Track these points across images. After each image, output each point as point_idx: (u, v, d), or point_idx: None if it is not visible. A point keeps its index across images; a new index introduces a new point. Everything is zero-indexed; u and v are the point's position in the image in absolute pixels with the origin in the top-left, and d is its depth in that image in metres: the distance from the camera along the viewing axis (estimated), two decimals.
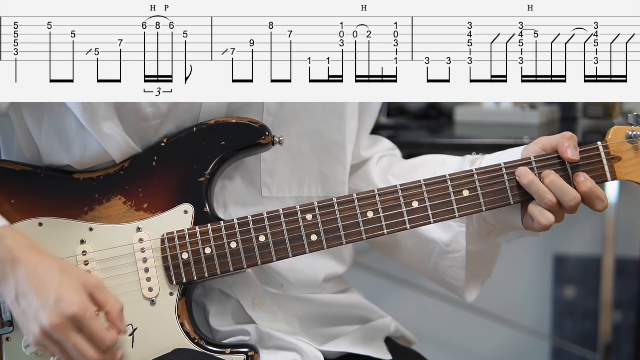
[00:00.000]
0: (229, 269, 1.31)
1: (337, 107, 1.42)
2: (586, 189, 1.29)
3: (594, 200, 1.30)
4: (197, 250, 1.31)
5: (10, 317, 1.29)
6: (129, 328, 1.30)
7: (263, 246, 1.31)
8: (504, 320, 2.91)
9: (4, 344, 1.30)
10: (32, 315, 1.18)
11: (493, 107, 2.52)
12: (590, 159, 1.31)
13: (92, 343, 1.19)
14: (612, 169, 1.31)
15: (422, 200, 1.31)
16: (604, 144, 1.31)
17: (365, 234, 1.31)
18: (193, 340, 1.31)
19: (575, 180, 1.30)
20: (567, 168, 1.30)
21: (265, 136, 1.34)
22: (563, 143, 1.30)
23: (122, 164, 1.34)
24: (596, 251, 2.85)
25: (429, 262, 1.48)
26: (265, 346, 1.40)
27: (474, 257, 1.46)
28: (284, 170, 1.41)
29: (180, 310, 1.32)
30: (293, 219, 1.31)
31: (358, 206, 1.31)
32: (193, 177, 1.33)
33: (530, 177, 1.29)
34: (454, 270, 1.45)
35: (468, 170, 1.32)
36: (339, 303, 1.48)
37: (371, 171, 1.53)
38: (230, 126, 1.34)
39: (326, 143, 1.42)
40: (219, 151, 1.34)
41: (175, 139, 1.34)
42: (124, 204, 1.33)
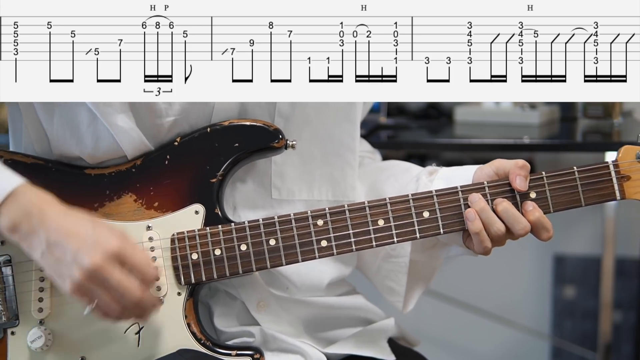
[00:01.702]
0: (238, 272, 1.31)
1: (348, 111, 1.42)
2: (534, 219, 1.30)
3: (540, 230, 1.31)
4: (207, 251, 1.31)
5: (17, 311, 1.29)
6: (135, 327, 1.31)
7: (273, 250, 1.31)
8: (504, 320, 2.91)
9: (9, 338, 1.30)
10: (71, 260, 1.17)
11: (493, 107, 2.52)
12: (600, 177, 1.32)
13: (135, 277, 1.19)
14: (621, 187, 1.32)
15: (434, 211, 1.31)
16: (615, 163, 1.32)
17: (376, 242, 1.31)
18: (199, 341, 1.31)
19: (523, 209, 1.31)
20: (516, 196, 1.31)
21: (279, 140, 1.34)
22: (514, 172, 1.31)
23: (135, 162, 1.33)
24: (596, 251, 2.85)
25: (373, 264, 1.49)
26: (270, 348, 1.40)
27: (415, 267, 1.47)
28: (294, 173, 1.41)
29: (188, 311, 1.32)
30: (304, 224, 1.31)
31: (369, 214, 1.31)
32: (205, 177, 1.33)
33: (482, 204, 1.30)
34: (396, 274, 1.47)
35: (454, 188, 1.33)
36: (342, 305, 1.48)
37: None
38: (244, 128, 1.34)
39: (337, 147, 1.43)
40: (232, 153, 1.33)
41: (189, 138, 1.34)
42: (134, 202, 1.33)
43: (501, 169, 1.33)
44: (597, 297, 2.84)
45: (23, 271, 1.30)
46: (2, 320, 1.29)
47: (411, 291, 1.49)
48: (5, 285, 1.29)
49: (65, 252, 1.17)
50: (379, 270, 1.48)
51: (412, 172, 1.48)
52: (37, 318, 1.30)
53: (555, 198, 1.32)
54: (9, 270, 1.29)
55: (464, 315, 2.90)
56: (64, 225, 1.18)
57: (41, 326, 1.30)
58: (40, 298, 1.29)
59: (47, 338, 1.29)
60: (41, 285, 1.29)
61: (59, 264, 1.18)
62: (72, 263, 1.17)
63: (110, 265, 1.17)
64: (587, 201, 1.32)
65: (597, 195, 1.32)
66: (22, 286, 1.30)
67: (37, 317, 1.30)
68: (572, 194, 1.31)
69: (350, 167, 1.45)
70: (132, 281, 1.19)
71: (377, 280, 1.50)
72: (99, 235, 1.18)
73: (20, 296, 1.30)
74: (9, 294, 1.29)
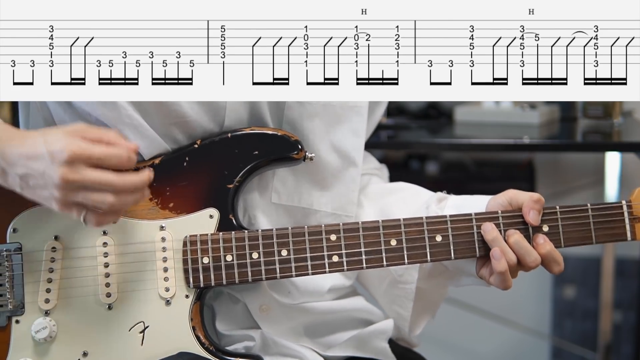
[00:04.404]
0: (247, 279, 1.31)
1: (357, 126, 1.42)
2: (545, 252, 1.30)
3: (551, 263, 1.31)
4: (218, 256, 1.31)
5: (23, 300, 1.29)
6: (140, 325, 1.31)
7: (284, 261, 1.31)
8: (504, 320, 2.91)
9: (13, 326, 1.30)
10: (43, 183, 1.17)
11: (493, 107, 2.52)
12: (613, 217, 1.33)
13: (109, 169, 1.18)
14: (633, 228, 1.34)
15: (446, 236, 1.32)
16: (628, 204, 1.34)
17: (387, 262, 1.32)
18: (203, 346, 1.31)
19: (534, 241, 1.31)
20: (529, 228, 1.32)
21: (298, 151, 1.34)
22: (528, 205, 1.31)
23: (153, 160, 1.33)
24: (596, 251, 2.86)
25: (380, 287, 1.49)
26: (270, 353, 1.40)
27: (421, 294, 1.47)
28: (297, 181, 1.41)
29: (194, 314, 1.32)
30: (317, 237, 1.31)
31: (382, 233, 1.32)
32: (222, 182, 1.33)
33: (494, 234, 1.30)
34: (403, 300, 1.47)
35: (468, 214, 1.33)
36: (343, 309, 1.48)
37: None
38: (265, 137, 1.34)
39: (342, 160, 1.42)
40: (251, 160, 1.33)
41: (209, 142, 1.34)
42: (150, 201, 1.32)
43: (514, 199, 1.33)
44: (597, 297, 2.85)
45: (33, 260, 1.30)
46: (8, 308, 1.29)
47: (418, 317, 1.50)
48: (14, 273, 1.29)
49: (35, 177, 1.18)
50: (386, 295, 1.49)
51: (421, 197, 1.49)
52: (43, 309, 1.30)
53: (567, 233, 1.33)
54: (19, 259, 1.29)
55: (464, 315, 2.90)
56: (22, 153, 1.18)
57: (46, 317, 1.30)
58: (47, 289, 1.30)
59: (52, 329, 1.29)
60: (50, 276, 1.29)
61: (37, 190, 1.19)
62: (46, 185, 1.17)
63: (75, 169, 1.16)
64: (598, 239, 1.34)
65: (609, 234, 1.34)
66: (30, 276, 1.30)
67: (44, 307, 1.30)
68: (584, 231, 1.33)
69: (353, 181, 1.45)
70: (105, 172, 1.17)
71: (384, 304, 1.50)
72: (51, 147, 1.17)
73: (28, 286, 1.30)
74: (17, 283, 1.29)
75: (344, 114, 1.41)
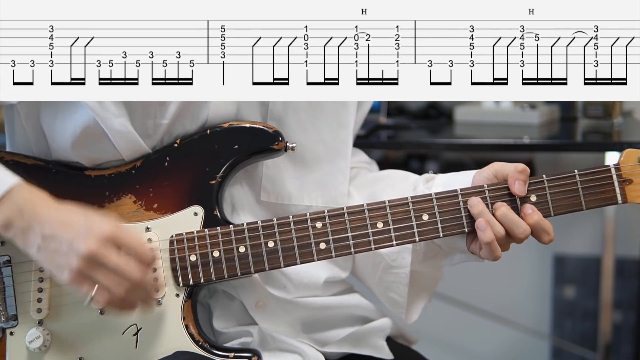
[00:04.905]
0: (236, 273, 1.31)
1: (342, 117, 1.43)
2: (533, 222, 1.30)
3: (541, 233, 1.31)
4: (205, 253, 1.31)
5: (15, 311, 1.29)
6: (134, 328, 1.31)
7: (271, 252, 1.31)
8: (504, 320, 2.91)
9: (7, 338, 1.30)
10: (67, 250, 1.18)
11: (493, 107, 2.52)
12: (602, 181, 1.32)
13: (133, 259, 1.20)
14: (623, 191, 1.32)
15: (433, 214, 1.31)
16: (616, 166, 1.32)
17: (375, 245, 1.32)
18: (197, 343, 1.32)
19: (523, 212, 1.31)
20: (516, 200, 1.31)
21: (278, 142, 1.34)
22: (513, 176, 1.31)
23: (134, 163, 1.34)
24: (596, 251, 2.86)
25: (374, 275, 1.49)
26: (268, 348, 1.40)
27: (417, 278, 1.47)
28: (285, 177, 1.42)
29: (186, 312, 1.32)
30: (303, 226, 1.31)
31: (368, 217, 1.31)
32: (205, 179, 1.34)
33: (480, 207, 1.30)
34: (398, 286, 1.46)
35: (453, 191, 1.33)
36: (339, 305, 1.49)
37: None
38: (244, 130, 1.34)
39: (330, 153, 1.43)
40: (231, 155, 1.34)
41: (189, 140, 1.34)
42: (134, 203, 1.33)
43: (500, 172, 1.33)
44: (597, 297, 2.84)
45: (22, 272, 1.30)
46: (1, 320, 1.30)
47: (414, 302, 1.50)
48: (5, 286, 1.30)
49: (60, 242, 1.18)
50: (380, 282, 1.48)
51: (409, 180, 1.48)
52: (35, 318, 1.30)
53: (556, 202, 1.32)
54: (9, 271, 1.30)
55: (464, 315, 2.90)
56: (57, 217, 1.19)
57: (40, 326, 1.30)
58: (39, 299, 1.30)
59: (46, 338, 1.30)
60: (40, 286, 1.30)
61: (56, 256, 1.19)
62: (69, 252, 1.18)
63: (106, 248, 1.18)
64: (588, 205, 1.32)
65: (599, 199, 1.32)
66: (21, 287, 1.30)
67: (36, 317, 1.30)
68: (573, 197, 1.31)
69: (342, 174, 1.45)
70: (131, 263, 1.20)
71: (379, 292, 1.50)
72: (91, 222, 1.19)
73: (19, 297, 1.30)
74: (8, 295, 1.30)
75: (329, 107, 1.41)
